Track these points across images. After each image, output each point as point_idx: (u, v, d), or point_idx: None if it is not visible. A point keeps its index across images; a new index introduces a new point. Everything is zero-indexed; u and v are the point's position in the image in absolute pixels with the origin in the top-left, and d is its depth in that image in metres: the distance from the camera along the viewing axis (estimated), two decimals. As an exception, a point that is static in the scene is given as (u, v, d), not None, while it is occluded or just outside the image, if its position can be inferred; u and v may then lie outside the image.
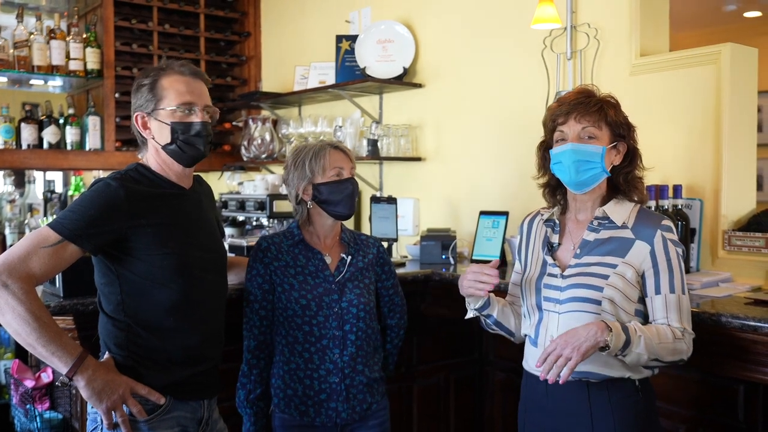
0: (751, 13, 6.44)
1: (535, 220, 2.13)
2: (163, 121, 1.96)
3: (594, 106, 1.92)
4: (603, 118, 1.92)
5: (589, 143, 1.91)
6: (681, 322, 1.86)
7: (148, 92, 1.97)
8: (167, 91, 1.95)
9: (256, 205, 3.90)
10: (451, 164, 3.70)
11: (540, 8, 2.97)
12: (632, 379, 1.88)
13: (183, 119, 1.96)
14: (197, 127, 1.97)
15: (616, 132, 1.94)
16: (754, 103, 2.74)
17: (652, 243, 1.89)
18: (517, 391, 2.11)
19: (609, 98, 1.97)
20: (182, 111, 1.96)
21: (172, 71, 1.98)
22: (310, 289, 2.21)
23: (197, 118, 1.97)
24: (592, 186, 1.95)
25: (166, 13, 4.78)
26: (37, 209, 4.51)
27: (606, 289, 1.86)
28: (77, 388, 1.82)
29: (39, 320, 1.73)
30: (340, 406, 2.19)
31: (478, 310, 2.06)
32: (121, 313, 1.91)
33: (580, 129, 1.92)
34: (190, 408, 1.98)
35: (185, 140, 1.96)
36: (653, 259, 1.88)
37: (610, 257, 1.90)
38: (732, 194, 2.63)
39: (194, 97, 1.98)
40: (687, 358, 1.87)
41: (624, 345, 1.77)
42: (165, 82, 1.96)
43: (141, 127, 1.99)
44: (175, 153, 1.98)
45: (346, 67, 4.05)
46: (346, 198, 2.24)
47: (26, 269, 1.75)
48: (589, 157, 1.90)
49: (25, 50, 4.17)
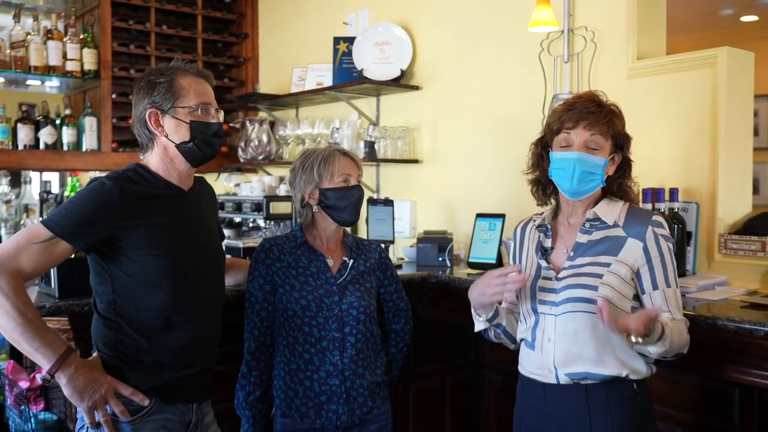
0: (747, 17, 6.46)
1: (528, 226, 2.14)
2: (181, 119, 1.96)
3: (605, 117, 1.91)
4: (611, 130, 1.92)
5: (594, 154, 1.91)
6: (679, 312, 1.91)
7: (165, 90, 1.96)
8: (186, 90, 1.96)
9: (252, 206, 3.90)
10: (447, 166, 3.71)
11: (537, 11, 2.97)
12: (630, 380, 1.88)
13: (202, 118, 1.98)
14: (215, 128, 2.01)
15: (617, 143, 1.95)
16: (750, 107, 2.74)
17: (644, 239, 1.90)
18: (513, 393, 2.11)
19: (616, 108, 1.97)
20: (202, 110, 1.98)
21: (188, 71, 2.00)
22: (311, 290, 2.21)
23: (214, 118, 2.01)
24: (589, 195, 1.96)
25: (163, 14, 4.78)
26: (33, 210, 4.49)
27: (601, 288, 1.87)
28: (60, 385, 1.81)
29: (24, 316, 1.74)
30: (340, 408, 2.19)
31: (490, 320, 2.04)
32: (112, 313, 1.91)
33: (587, 137, 1.91)
34: (177, 411, 1.97)
35: (204, 139, 1.98)
36: (647, 255, 1.90)
37: (604, 256, 1.91)
38: (728, 197, 2.63)
39: (210, 98, 2.02)
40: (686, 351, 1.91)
41: (660, 335, 1.77)
42: (183, 81, 1.97)
43: (153, 124, 1.97)
44: (191, 151, 1.98)
45: (343, 69, 4.05)
46: (352, 205, 2.25)
47: (15, 265, 1.76)
48: (593, 169, 1.91)
49: (22, 50, 4.15)
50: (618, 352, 1.87)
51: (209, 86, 2.03)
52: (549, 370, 1.93)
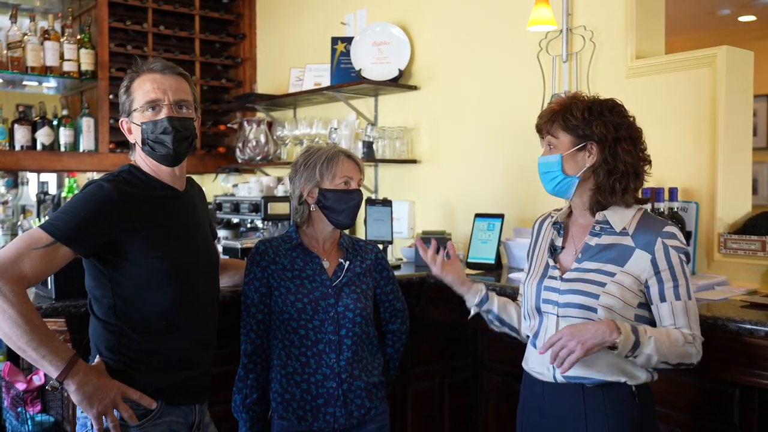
0: (745, 17, 6.46)
1: (545, 221, 2.14)
2: (136, 123, 1.95)
3: (546, 117, 1.97)
4: (557, 126, 1.94)
5: (549, 153, 1.97)
6: (690, 326, 1.85)
7: (124, 96, 1.98)
8: (136, 93, 1.95)
9: (250, 207, 3.89)
10: (446, 166, 3.70)
11: (536, 10, 2.96)
12: (628, 385, 1.87)
13: (150, 118, 1.94)
14: (163, 124, 1.92)
15: (576, 134, 1.92)
16: (749, 107, 2.74)
17: (653, 251, 1.86)
18: (512, 394, 2.11)
19: (570, 101, 1.94)
20: (149, 110, 1.94)
21: (143, 71, 1.97)
22: (306, 292, 2.19)
23: (163, 113, 1.93)
24: (569, 193, 1.96)
25: (161, 14, 4.76)
26: (30, 211, 4.48)
27: (602, 297, 1.85)
28: (68, 392, 1.80)
29: (30, 323, 1.71)
30: (338, 411, 2.17)
31: (479, 305, 2.11)
32: (113, 317, 1.89)
33: (547, 141, 1.98)
34: (181, 413, 1.96)
35: (154, 139, 1.94)
36: (655, 268, 1.86)
37: (610, 265, 1.89)
38: (727, 197, 2.63)
39: (160, 93, 1.93)
40: (696, 362, 1.85)
41: (633, 346, 1.77)
42: (135, 83, 1.96)
43: (126, 131, 2.00)
44: (150, 153, 1.96)
45: (341, 69, 4.04)
46: (350, 209, 2.24)
47: (17, 271, 1.73)
48: (549, 168, 1.96)
49: (19, 51, 4.14)
50: (614, 359, 1.85)
51: (170, 78, 1.95)
52: (548, 369, 1.93)
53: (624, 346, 1.76)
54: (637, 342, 1.77)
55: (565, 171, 1.93)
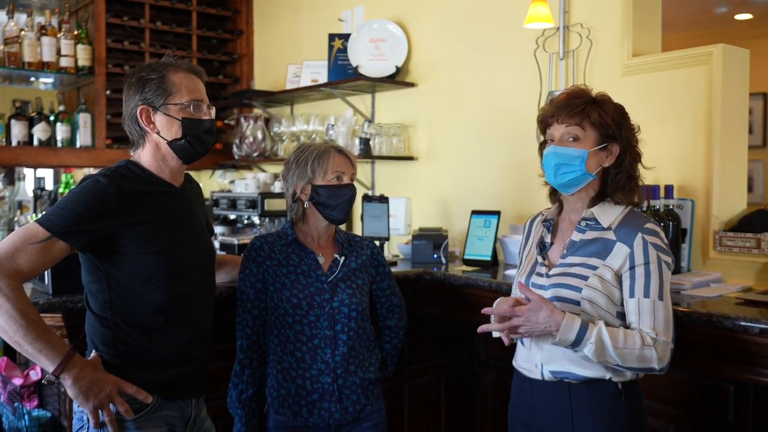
0: (741, 15, 6.47)
1: (536, 219, 2.14)
2: (173, 116, 1.94)
3: (577, 108, 1.89)
4: (587, 119, 1.89)
5: (571, 145, 1.90)
6: (654, 328, 1.79)
7: (157, 86, 1.94)
8: (178, 87, 1.94)
9: (247, 203, 3.89)
10: (443, 163, 3.70)
11: (533, 8, 2.97)
12: (614, 382, 1.87)
13: (194, 115, 1.96)
14: (207, 125, 1.99)
15: (604, 133, 1.90)
16: (745, 105, 2.74)
17: (632, 245, 1.85)
18: (507, 391, 2.11)
19: (599, 98, 1.94)
20: (194, 107, 1.96)
21: (180, 67, 1.98)
22: (301, 288, 2.20)
23: (206, 115, 1.99)
24: (576, 188, 1.94)
25: (158, 10, 4.76)
26: (26, 206, 4.48)
27: (584, 290, 1.85)
28: (64, 386, 1.80)
29: (26, 317, 1.71)
30: (332, 406, 2.18)
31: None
32: (109, 312, 1.89)
33: (564, 130, 1.91)
34: (177, 407, 1.97)
35: (196, 136, 1.97)
36: (631, 262, 1.85)
37: (594, 259, 1.89)
38: (723, 195, 2.64)
39: (202, 94, 1.99)
40: (660, 368, 1.78)
41: (575, 342, 1.77)
42: (175, 77, 1.95)
43: (144, 121, 1.96)
44: (183, 149, 1.97)
45: (338, 66, 4.04)
46: (344, 204, 2.24)
47: (14, 266, 1.73)
48: (568, 160, 1.90)
49: (16, 46, 4.13)
50: None
51: (201, 82, 2.01)
52: (535, 366, 1.94)
53: (561, 339, 1.78)
54: (578, 339, 1.76)
55: (587, 168, 1.90)
